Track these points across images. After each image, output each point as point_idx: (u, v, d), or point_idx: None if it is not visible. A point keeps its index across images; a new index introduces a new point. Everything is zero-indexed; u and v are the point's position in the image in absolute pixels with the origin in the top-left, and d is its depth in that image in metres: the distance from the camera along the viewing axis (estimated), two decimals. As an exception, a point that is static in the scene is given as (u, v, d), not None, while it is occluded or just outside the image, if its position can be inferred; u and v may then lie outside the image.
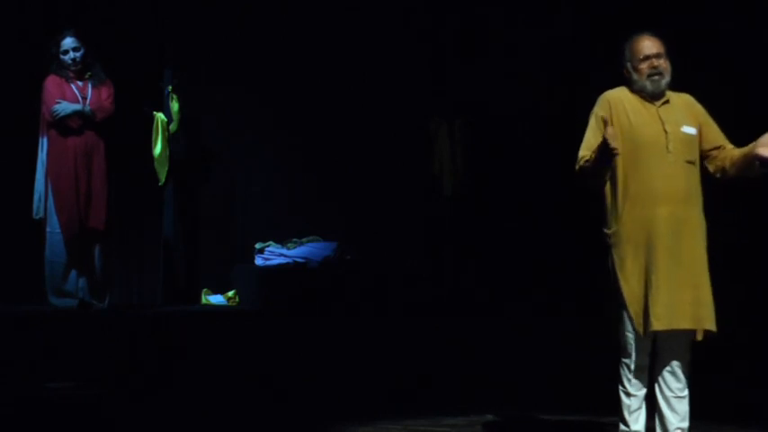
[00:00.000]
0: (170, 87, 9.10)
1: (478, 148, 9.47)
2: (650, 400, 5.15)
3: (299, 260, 9.09)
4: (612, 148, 4.85)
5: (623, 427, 5.15)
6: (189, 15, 9.30)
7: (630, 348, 5.06)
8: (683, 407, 5.08)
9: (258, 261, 9.18)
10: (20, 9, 8.95)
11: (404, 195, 9.49)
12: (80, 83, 8.14)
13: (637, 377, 5.10)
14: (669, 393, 5.07)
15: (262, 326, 8.09)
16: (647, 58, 5.08)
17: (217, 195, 9.64)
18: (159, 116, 9.00)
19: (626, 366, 5.10)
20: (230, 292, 9.23)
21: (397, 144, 9.46)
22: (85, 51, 8.13)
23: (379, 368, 7.34)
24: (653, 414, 5.14)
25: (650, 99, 5.12)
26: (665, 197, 4.99)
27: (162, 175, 9.05)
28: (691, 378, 5.10)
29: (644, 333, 4.98)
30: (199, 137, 9.55)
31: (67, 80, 8.11)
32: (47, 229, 8.10)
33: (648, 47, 5.09)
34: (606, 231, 5.11)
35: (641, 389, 5.12)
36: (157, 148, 8.99)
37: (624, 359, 5.10)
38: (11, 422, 6.17)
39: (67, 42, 8.10)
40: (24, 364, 7.14)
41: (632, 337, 5.03)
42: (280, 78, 9.41)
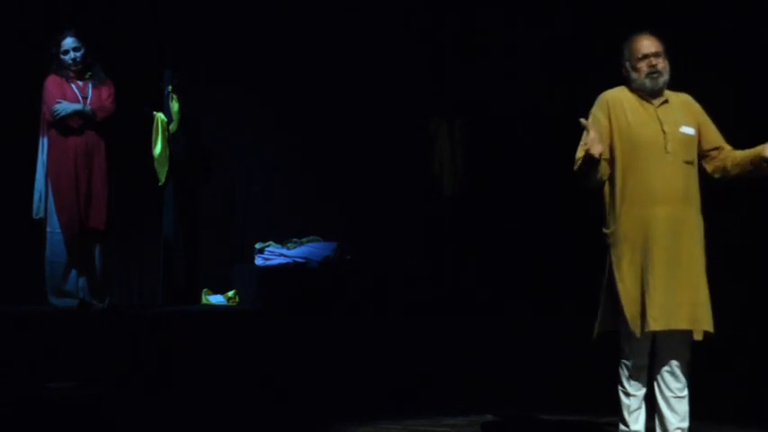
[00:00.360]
0: (170, 87, 9.10)
1: (478, 148, 9.47)
2: (650, 401, 5.15)
3: (299, 260, 9.09)
4: (591, 155, 4.86)
5: (623, 427, 5.15)
6: (189, 15, 9.30)
7: (629, 348, 5.07)
8: (682, 407, 5.08)
9: (258, 261, 9.18)
10: (20, 9, 8.95)
11: (404, 195, 9.48)
12: (80, 83, 8.14)
13: (636, 377, 5.10)
14: (669, 393, 5.07)
15: (262, 326, 8.09)
16: (645, 57, 5.09)
17: (217, 195, 9.64)
18: (159, 116, 9.00)
19: (625, 366, 5.11)
20: (230, 292, 9.23)
21: (397, 144, 9.46)
22: (86, 51, 8.13)
23: (379, 368, 7.34)
24: (653, 414, 5.14)
25: (649, 99, 5.12)
26: (663, 197, 4.99)
27: (162, 175, 9.05)
28: (691, 378, 5.10)
29: (640, 333, 4.98)
30: (199, 137, 9.55)
31: (68, 80, 8.11)
32: (47, 228, 8.10)
33: (647, 46, 5.10)
34: (605, 231, 5.12)
35: (641, 389, 5.12)
36: (157, 148, 8.99)
37: (623, 359, 5.11)
38: (11, 422, 6.17)
39: (68, 42, 8.10)
40: (24, 364, 7.14)
41: (630, 337, 5.03)
42: (280, 78, 9.41)
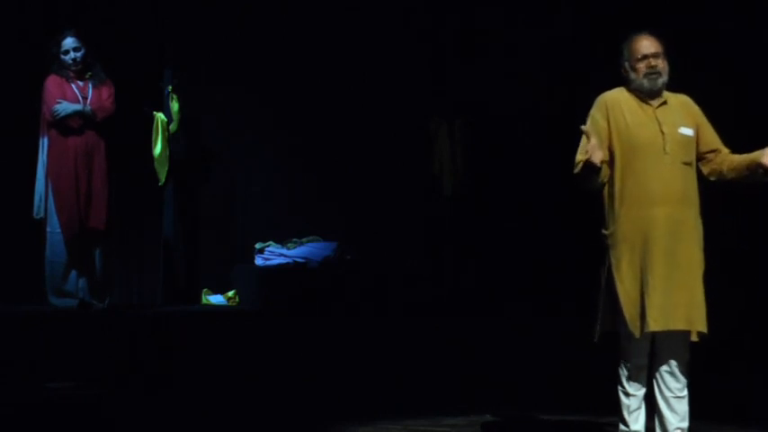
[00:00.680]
0: (170, 87, 9.10)
1: (478, 148, 9.47)
2: (650, 401, 5.15)
3: (299, 260, 9.09)
4: (592, 163, 4.86)
5: (623, 427, 5.15)
6: (189, 15, 9.30)
7: (629, 349, 5.07)
8: (682, 407, 5.08)
9: (258, 261, 9.18)
10: (20, 9, 8.96)
11: (404, 195, 9.48)
12: (80, 83, 8.14)
13: (635, 377, 5.10)
14: (668, 393, 5.07)
15: (262, 326, 8.09)
16: (644, 58, 5.08)
17: (217, 195, 9.64)
18: (159, 116, 9.00)
19: (624, 366, 5.11)
20: (230, 292, 9.23)
21: (397, 144, 9.45)
22: (86, 51, 8.13)
23: (379, 368, 7.34)
24: (653, 414, 5.14)
25: (648, 99, 5.12)
26: (661, 198, 4.99)
27: (162, 175, 9.05)
28: (690, 378, 5.10)
29: (639, 334, 4.98)
30: (199, 137, 9.55)
31: (68, 80, 8.11)
32: (47, 228, 8.10)
33: (646, 46, 5.09)
34: (604, 232, 5.12)
35: (640, 389, 5.12)
36: (157, 148, 8.99)
37: (623, 359, 5.11)
38: (11, 422, 6.16)
39: (68, 42, 8.10)
40: (24, 364, 7.14)
41: (630, 337, 5.02)
42: (280, 78, 9.41)
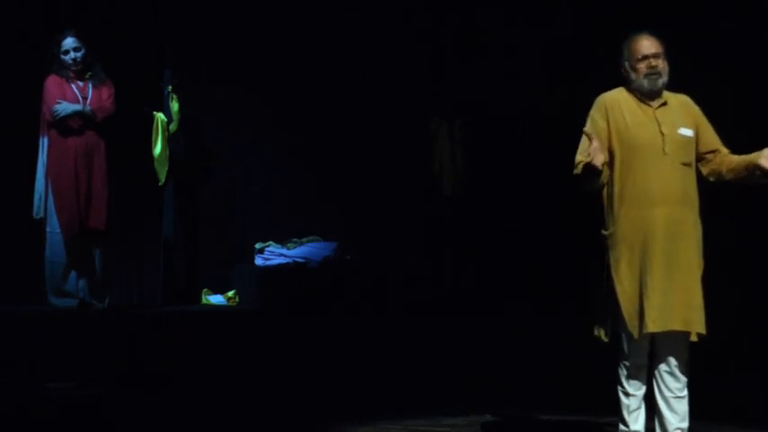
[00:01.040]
0: (170, 87, 9.10)
1: (478, 148, 9.47)
2: (650, 401, 5.15)
3: (299, 260, 9.09)
4: (594, 166, 4.86)
5: (623, 427, 5.15)
6: (189, 15, 9.30)
7: (628, 349, 5.07)
8: (682, 407, 5.08)
9: (258, 261, 9.18)
10: (20, 9, 8.96)
11: (404, 195, 9.48)
12: (80, 83, 8.14)
13: (635, 377, 5.10)
14: (668, 393, 5.06)
15: (262, 326, 8.09)
16: (645, 58, 5.07)
17: (217, 195, 9.64)
18: (159, 116, 9.00)
19: (624, 366, 5.11)
20: (230, 292, 9.23)
21: (397, 144, 9.45)
22: (86, 51, 8.13)
23: (379, 368, 7.34)
24: (653, 414, 5.14)
25: (647, 100, 5.11)
26: (661, 199, 4.99)
27: (162, 175, 9.05)
28: (690, 378, 5.10)
29: (638, 335, 4.98)
30: (199, 137, 9.55)
31: (68, 80, 8.11)
32: (47, 229, 8.10)
33: (647, 46, 5.09)
34: (603, 233, 5.12)
35: (640, 388, 5.12)
36: (157, 148, 8.99)
37: (622, 359, 5.11)
38: (11, 422, 6.16)
39: (68, 42, 8.10)
40: (24, 364, 7.15)
41: (629, 337, 5.02)
42: (280, 78, 9.41)
